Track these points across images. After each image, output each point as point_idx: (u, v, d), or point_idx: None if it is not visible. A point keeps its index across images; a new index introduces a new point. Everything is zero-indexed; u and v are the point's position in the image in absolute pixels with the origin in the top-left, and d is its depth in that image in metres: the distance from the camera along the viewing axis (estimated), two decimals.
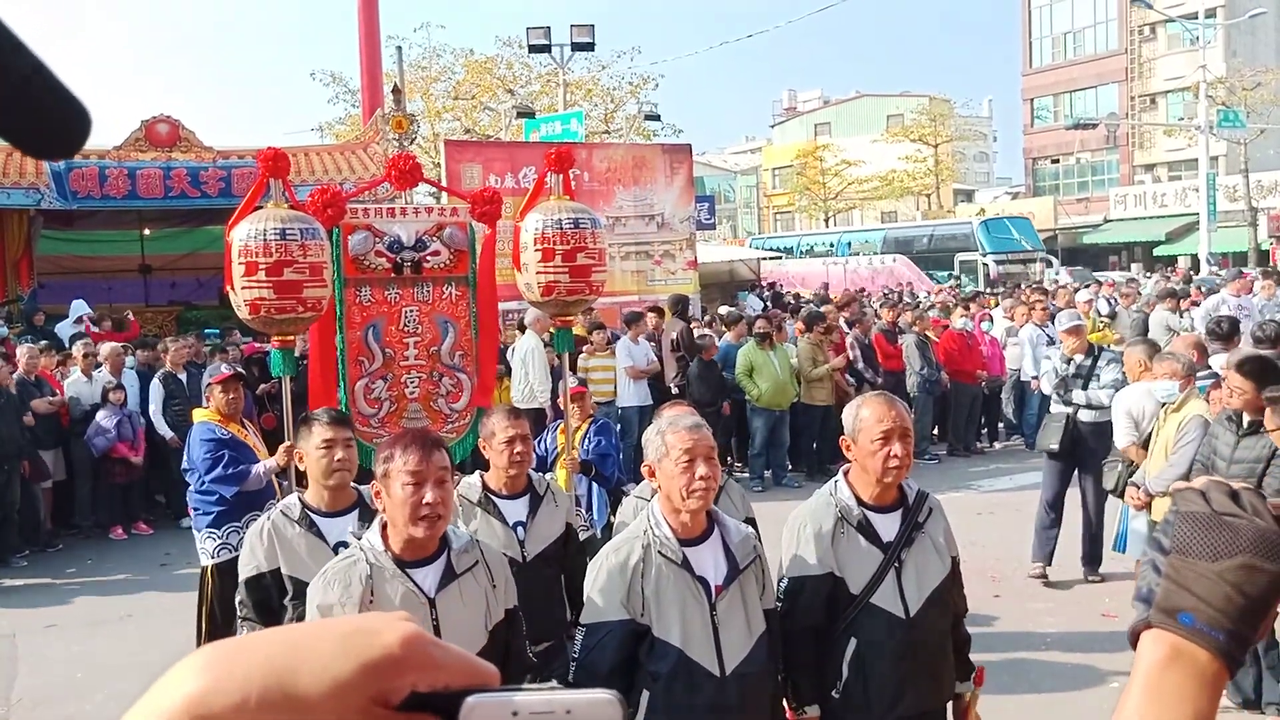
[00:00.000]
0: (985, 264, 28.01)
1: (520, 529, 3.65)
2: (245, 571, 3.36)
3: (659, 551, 2.62)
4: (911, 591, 2.80)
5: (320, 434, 3.46)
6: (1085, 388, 6.75)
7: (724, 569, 2.66)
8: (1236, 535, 0.85)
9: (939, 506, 2.97)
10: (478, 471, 3.87)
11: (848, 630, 2.80)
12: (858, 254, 31.67)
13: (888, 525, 2.85)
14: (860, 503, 2.85)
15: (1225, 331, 7.25)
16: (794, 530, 2.90)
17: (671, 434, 2.64)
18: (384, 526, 2.58)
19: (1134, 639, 0.87)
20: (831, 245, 34.11)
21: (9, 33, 0.67)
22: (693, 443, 2.61)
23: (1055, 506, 6.78)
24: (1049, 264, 28.53)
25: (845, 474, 2.92)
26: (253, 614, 3.34)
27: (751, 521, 3.39)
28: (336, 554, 3.09)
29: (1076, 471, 6.79)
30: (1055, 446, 6.68)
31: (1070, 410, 6.75)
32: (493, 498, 3.68)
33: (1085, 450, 6.69)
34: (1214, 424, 4.78)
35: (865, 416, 2.82)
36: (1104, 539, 6.66)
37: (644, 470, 2.79)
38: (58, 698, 5.56)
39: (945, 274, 28.50)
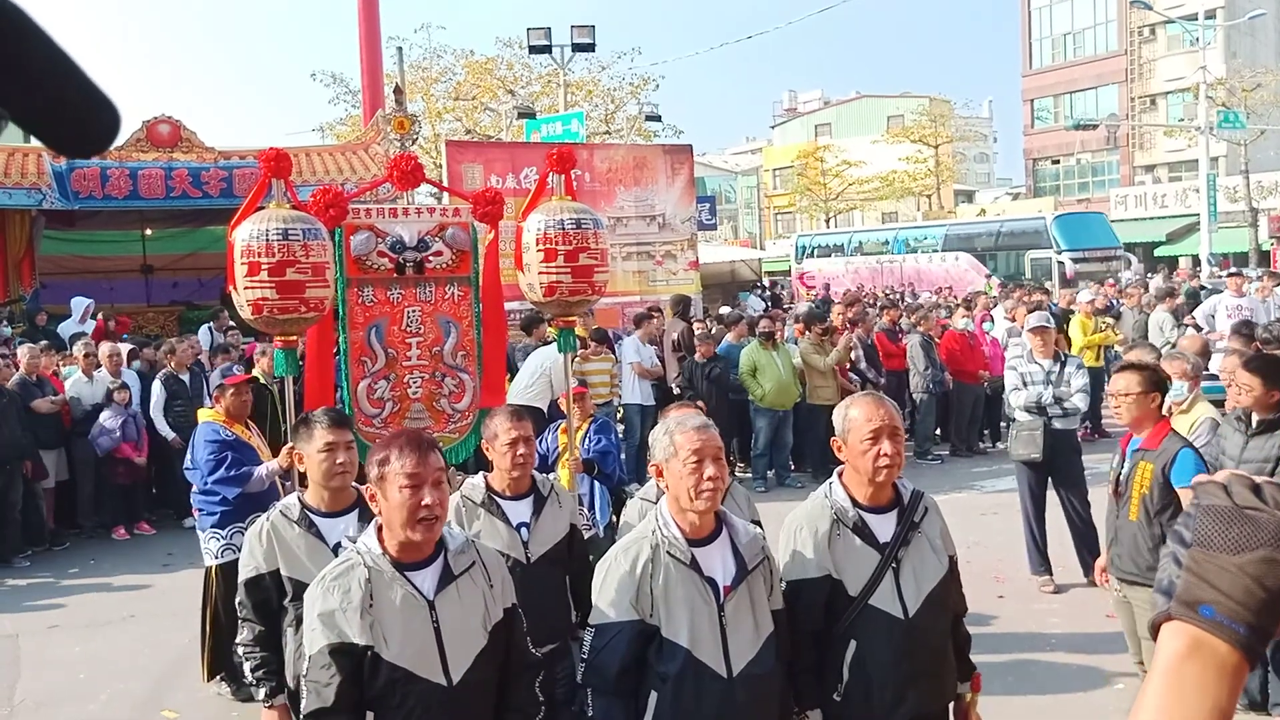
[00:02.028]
0: (1060, 262, 25.75)
1: (524, 530, 3.63)
2: (245, 573, 3.36)
3: (667, 552, 2.61)
4: (910, 592, 2.77)
5: (321, 437, 3.45)
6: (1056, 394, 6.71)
7: (732, 570, 2.65)
8: (1258, 529, 0.85)
9: (935, 505, 2.95)
10: (481, 472, 3.85)
11: (847, 632, 2.78)
12: (915, 251, 29.80)
13: (884, 526, 2.83)
14: (855, 504, 2.83)
15: (1249, 334, 7.38)
16: (790, 533, 2.88)
17: (680, 434, 2.63)
18: (379, 529, 2.55)
19: (1154, 631, 0.87)
20: (886, 242, 31.79)
21: (42, 33, 0.66)
22: (701, 443, 2.60)
23: (1039, 516, 6.76)
24: (1128, 263, 26.47)
25: (839, 475, 2.90)
26: (252, 615, 3.34)
27: (756, 524, 3.37)
28: (336, 554, 3.07)
29: (1050, 479, 6.75)
30: (1038, 456, 6.59)
31: (1045, 418, 6.67)
32: (496, 499, 3.66)
33: (1060, 457, 6.68)
34: (1222, 424, 4.76)
35: (854, 416, 2.81)
36: (1098, 540, 6.65)
37: (651, 470, 2.77)
38: (60, 699, 5.56)
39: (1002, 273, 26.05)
